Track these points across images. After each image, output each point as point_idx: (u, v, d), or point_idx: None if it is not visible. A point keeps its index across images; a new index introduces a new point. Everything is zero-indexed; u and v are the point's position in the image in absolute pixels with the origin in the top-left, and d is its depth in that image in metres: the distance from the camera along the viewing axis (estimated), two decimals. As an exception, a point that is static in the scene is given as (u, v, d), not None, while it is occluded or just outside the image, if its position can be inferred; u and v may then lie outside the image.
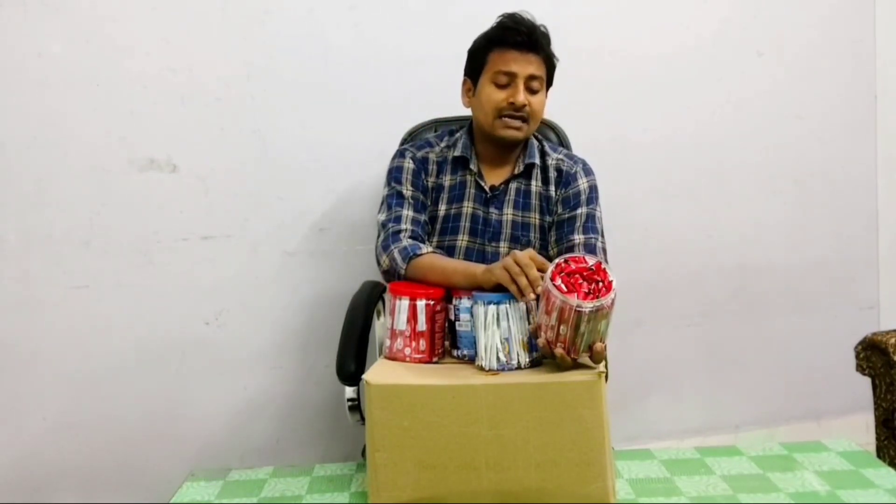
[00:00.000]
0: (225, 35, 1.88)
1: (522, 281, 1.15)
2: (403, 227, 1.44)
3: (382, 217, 1.48)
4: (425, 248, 1.40)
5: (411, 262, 1.37)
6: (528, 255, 1.18)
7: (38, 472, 1.85)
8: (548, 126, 1.74)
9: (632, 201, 2.15)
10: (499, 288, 1.18)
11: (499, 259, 1.48)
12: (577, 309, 1.05)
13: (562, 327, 1.07)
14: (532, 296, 1.14)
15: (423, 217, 1.49)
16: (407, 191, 1.50)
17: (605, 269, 1.10)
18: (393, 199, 1.49)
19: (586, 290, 1.07)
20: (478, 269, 1.26)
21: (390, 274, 1.41)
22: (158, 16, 1.83)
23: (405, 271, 1.37)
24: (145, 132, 1.85)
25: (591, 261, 1.11)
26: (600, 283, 1.08)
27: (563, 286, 1.07)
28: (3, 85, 1.76)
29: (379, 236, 1.46)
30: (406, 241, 1.41)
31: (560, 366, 1.12)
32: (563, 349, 1.08)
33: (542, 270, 1.16)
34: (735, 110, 2.25)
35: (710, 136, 2.24)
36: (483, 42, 1.48)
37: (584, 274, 1.09)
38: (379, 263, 1.44)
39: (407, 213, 1.47)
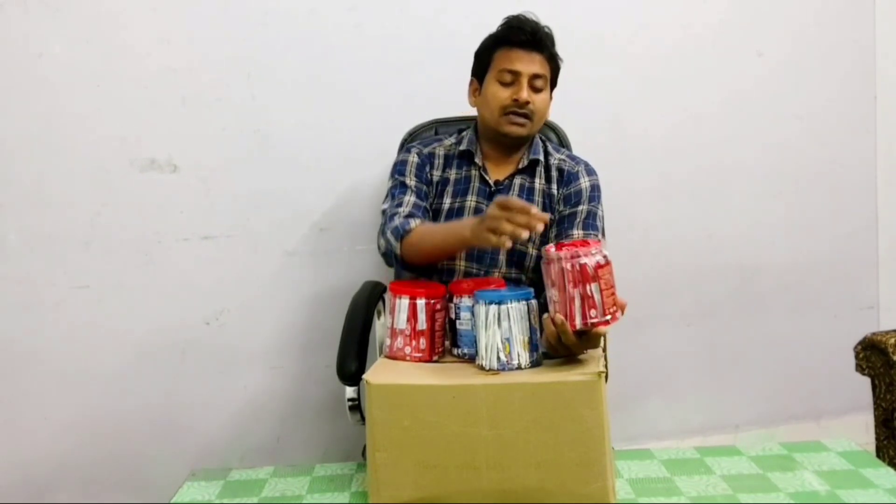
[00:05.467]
0: (225, 35, 1.88)
1: (506, 227, 1.12)
2: (401, 210, 1.46)
3: (385, 205, 1.50)
4: (414, 223, 1.40)
5: (403, 239, 1.38)
6: (498, 206, 1.15)
7: (38, 471, 1.85)
8: (548, 126, 1.74)
9: (632, 201, 2.16)
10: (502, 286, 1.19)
11: (499, 253, 1.49)
12: (582, 263, 1.07)
13: (576, 290, 1.08)
14: (525, 235, 1.11)
15: (424, 204, 1.50)
16: (410, 181, 1.52)
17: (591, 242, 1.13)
18: (396, 189, 1.51)
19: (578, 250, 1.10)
20: (464, 230, 1.25)
21: (388, 256, 1.43)
22: (159, 16, 1.83)
23: (400, 249, 1.39)
24: (146, 132, 1.85)
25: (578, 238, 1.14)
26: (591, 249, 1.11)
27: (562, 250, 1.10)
28: (3, 85, 1.76)
29: (380, 224, 1.48)
30: (398, 221, 1.42)
31: (561, 364, 1.12)
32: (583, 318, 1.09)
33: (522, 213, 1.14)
34: (735, 110, 2.25)
35: (710, 136, 2.24)
36: (489, 42, 1.51)
37: (575, 244, 1.12)
38: (378, 247, 1.47)
39: (409, 198, 1.48)
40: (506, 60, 1.46)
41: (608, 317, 1.09)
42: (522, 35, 1.45)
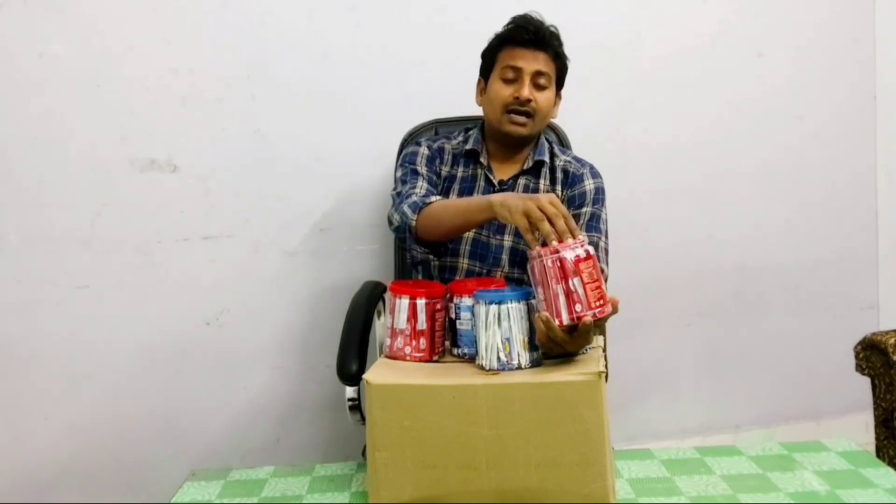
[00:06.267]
0: (225, 35, 1.88)
1: (545, 227, 1.10)
2: (417, 191, 1.45)
3: (397, 189, 1.50)
4: (434, 198, 1.41)
5: (421, 211, 1.37)
6: (551, 202, 1.12)
7: (38, 472, 1.85)
8: (548, 126, 1.74)
9: (632, 201, 2.15)
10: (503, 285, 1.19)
11: (502, 253, 1.49)
12: (561, 256, 1.07)
13: (558, 286, 1.07)
14: (556, 244, 1.09)
15: (435, 192, 1.50)
16: (422, 169, 1.52)
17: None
18: (407, 176, 1.51)
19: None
20: (493, 198, 1.21)
21: (401, 230, 1.42)
22: (159, 16, 1.83)
23: (416, 221, 1.37)
24: (146, 132, 1.85)
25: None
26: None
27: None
28: (3, 85, 1.76)
29: (392, 205, 1.47)
30: (415, 197, 1.42)
31: (561, 364, 1.12)
32: (573, 312, 1.08)
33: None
34: (735, 111, 2.25)
35: (710, 137, 2.24)
36: (494, 41, 1.52)
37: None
38: (390, 223, 1.45)
39: (421, 184, 1.48)
40: (509, 58, 1.47)
41: (595, 310, 1.08)
42: (526, 34, 1.46)
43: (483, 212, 1.25)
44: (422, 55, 1.98)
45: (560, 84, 1.53)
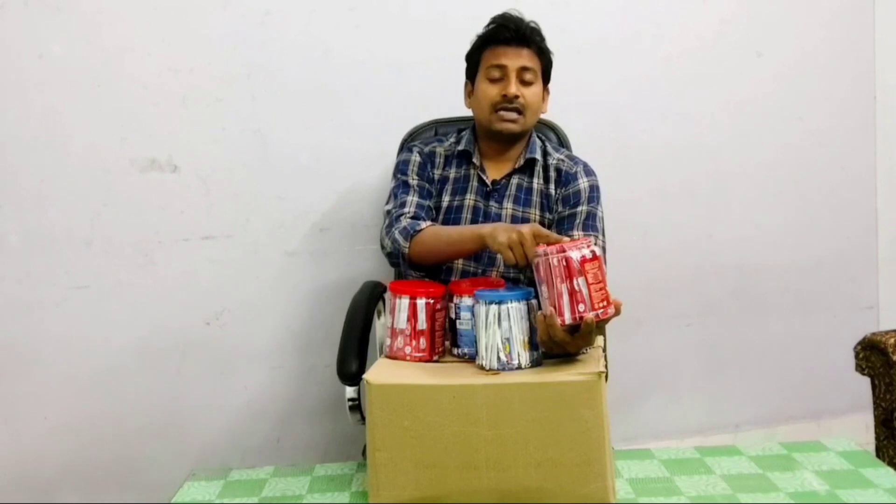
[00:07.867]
0: (226, 35, 1.88)
1: (519, 253, 1.19)
2: (406, 210, 1.47)
3: (388, 206, 1.52)
4: (424, 224, 1.43)
5: (413, 239, 1.40)
6: (532, 233, 1.18)
7: (39, 472, 1.85)
8: (548, 126, 1.74)
9: (631, 202, 2.16)
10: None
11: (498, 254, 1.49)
12: (568, 256, 1.08)
13: (563, 286, 1.08)
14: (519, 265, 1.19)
15: (427, 203, 1.52)
16: (413, 180, 1.54)
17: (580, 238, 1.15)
18: (399, 189, 1.53)
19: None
20: (483, 230, 1.29)
21: (394, 256, 1.45)
22: (159, 16, 1.83)
23: (409, 249, 1.41)
24: (146, 132, 1.85)
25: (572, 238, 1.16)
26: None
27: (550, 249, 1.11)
28: (3, 85, 1.76)
29: (383, 224, 1.50)
30: (405, 222, 1.44)
31: (561, 364, 1.12)
32: (577, 310, 1.08)
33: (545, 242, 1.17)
34: (735, 111, 2.25)
35: (710, 137, 2.24)
36: (477, 43, 1.54)
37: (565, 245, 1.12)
38: (383, 247, 1.48)
39: (412, 198, 1.50)
40: (493, 57, 1.48)
41: (598, 311, 1.09)
42: (507, 32, 1.47)
43: (474, 242, 1.32)
44: (422, 55, 1.98)
45: (546, 78, 1.54)
